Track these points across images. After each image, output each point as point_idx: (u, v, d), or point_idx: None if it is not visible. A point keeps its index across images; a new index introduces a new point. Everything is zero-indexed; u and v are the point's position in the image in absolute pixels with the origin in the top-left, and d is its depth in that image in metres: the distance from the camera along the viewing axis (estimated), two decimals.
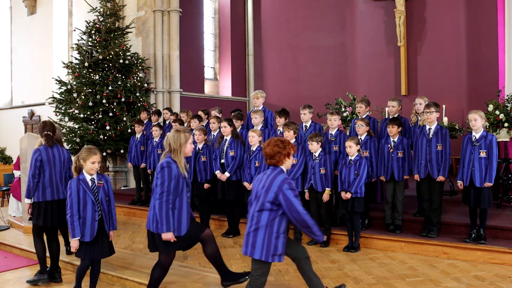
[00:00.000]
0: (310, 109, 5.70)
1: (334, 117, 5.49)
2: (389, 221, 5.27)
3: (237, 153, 5.64)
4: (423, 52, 10.50)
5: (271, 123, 6.32)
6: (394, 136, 5.20)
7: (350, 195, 4.89)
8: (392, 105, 5.64)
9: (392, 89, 10.67)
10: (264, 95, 6.30)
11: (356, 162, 4.94)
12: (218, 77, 12.49)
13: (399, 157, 5.15)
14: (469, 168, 4.59)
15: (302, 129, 5.70)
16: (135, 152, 7.40)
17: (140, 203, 7.48)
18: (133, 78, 8.75)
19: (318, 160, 5.14)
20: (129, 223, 6.81)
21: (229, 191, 5.63)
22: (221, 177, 5.64)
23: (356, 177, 4.90)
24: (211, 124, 6.29)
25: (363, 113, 5.74)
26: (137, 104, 8.63)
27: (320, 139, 5.15)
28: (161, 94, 9.69)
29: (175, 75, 9.81)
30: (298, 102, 7.30)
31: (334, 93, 10.03)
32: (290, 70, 12.01)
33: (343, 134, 5.51)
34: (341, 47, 11.62)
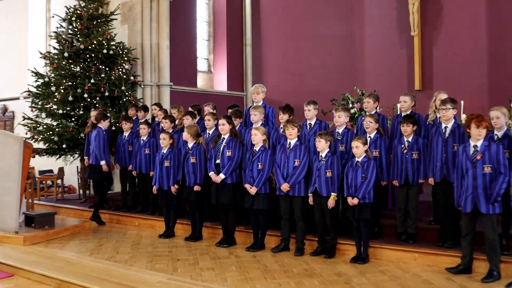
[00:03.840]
0: (315, 105, 5.71)
1: (341, 113, 5.49)
2: (401, 230, 5.27)
3: (234, 154, 5.63)
4: (439, 42, 10.50)
5: (273, 120, 6.32)
6: (408, 135, 5.19)
7: (357, 200, 4.88)
8: (404, 100, 5.64)
9: (404, 83, 10.65)
10: (264, 90, 6.31)
11: (363, 164, 4.94)
12: (213, 70, 12.46)
13: (414, 159, 5.14)
14: None
15: (306, 127, 5.71)
16: (123, 153, 7.42)
17: (125, 209, 7.47)
18: (118, 70, 8.71)
19: (324, 161, 5.13)
20: (112, 231, 6.79)
21: (223, 194, 5.63)
22: (215, 179, 5.62)
23: (364, 181, 4.90)
24: (206, 122, 6.26)
25: (371, 109, 5.75)
26: (122, 99, 8.61)
27: (330, 138, 5.16)
28: (149, 88, 9.66)
29: (164, 67, 9.78)
30: (301, 97, 7.29)
31: (341, 87, 10.02)
32: (291, 62, 11.99)
33: (351, 133, 5.51)
34: (348, 36, 11.62)
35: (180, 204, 6.47)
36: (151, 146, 7.06)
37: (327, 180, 5.11)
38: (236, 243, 5.82)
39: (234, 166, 5.63)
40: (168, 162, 6.19)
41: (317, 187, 5.15)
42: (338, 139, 5.48)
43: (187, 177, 5.94)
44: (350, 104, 7.71)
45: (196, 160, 5.91)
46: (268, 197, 5.48)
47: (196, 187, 5.88)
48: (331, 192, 5.10)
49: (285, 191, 5.29)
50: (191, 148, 5.97)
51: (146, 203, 7.30)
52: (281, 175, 5.31)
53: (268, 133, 5.73)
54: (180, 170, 6.10)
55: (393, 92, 8.15)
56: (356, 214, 4.94)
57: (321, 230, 5.28)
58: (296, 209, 5.32)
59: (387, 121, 5.86)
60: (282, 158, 5.35)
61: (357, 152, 4.98)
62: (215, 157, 5.73)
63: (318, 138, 5.14)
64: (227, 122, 5.69)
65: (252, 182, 5.43)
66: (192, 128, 6.03)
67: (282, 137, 5.62)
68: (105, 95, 8.33)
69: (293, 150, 5.30)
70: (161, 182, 6.21)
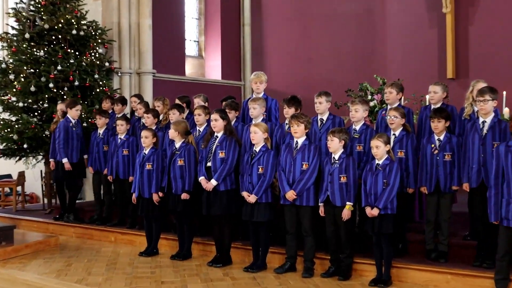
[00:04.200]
0: (328, 97, 5.69)
1: (358, 107, 5.48)
2: (431, 246, 5.26)
3: (229, 155, 5.63)
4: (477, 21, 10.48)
5: (276, 114, 6.33)
6: (440, 133, 5.19)
7: (377, 211, 4.88)
8: (435, 90, 5.63)
9: (434, 70, 10.64)
10: (267, 79, 6.32)
11: (385, 168, 4.94)
12: (204, 54, 12.45)
13: (446, 161, 5.13)
14: None
15: (317, 124, 5.70)
16: (96, 154, 7.42)
17: (99, 222, 7.47)
18: (90, 55, 8.73)
19: (338, 164, 5.12)
20: (83, 248, 6.79)
21: (216, 203, 5.63)
22: (206, 186, 5.63)
23: (386, 188, 4.90)
24: (196, 117, 6.24)
25: (394, 101, 5.75)
26: (95, 89, 8.62)
27: (344, 137, 5.14)
28: (127, 76, 9.65)
29: (146, 51, 9.78)
30: (310, 87, 7.29)
31: (358, 76, 10.00)
32: (299, 45, 11.98)
33: (370, 130, 5.52)
34: (366, 15, 11.60)
35: (165, 215, 6.47)
36: (130, 146, 7.07)
37: (341, 186, 5.09)
38: (232, 262, 5.81)
39: (229, 170, 5.62)
40: (150, 165, 6.18)
41: (329, 195, 5.13)
42: (355, 138, 5.47)
43: (174, 183, 5.93)
44: (369, 96, 7.71)
45: (185, 162, 5.89)
46: (270, 207, 5.47)
47: (184, 195, 5.86)
48: (346, 201, 5.08)
49: (290, 200, 5.27)
50: (178, 148, 5.95)
51: (124, 214, 7.30)
52: (286, 181, 5.30)
53: (270, 131, 5.72)
54: (165, 175, 6.08)
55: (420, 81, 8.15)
56: (376, 227, 4.92)
57: (334, 246, 5.27)
58: (304, 222, 5.30)
59: (413, 115, 5.86)
60: (287, 160, 5.33)
61: (378, 153, 4.96)
62: (206, 159, 5.73)
63: (331, 137, 5.12)
64: (221, 117, 5.67)
65: (251, 189, 5.42)
66: (179, 124, 6.02)
67: (287, 135, 5.62)
68: (75, 85, 8.34)
69: (301, 150, 5.29)
70: (141, 189, 6.21)
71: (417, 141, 5.46)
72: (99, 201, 7.59)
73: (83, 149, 7.60)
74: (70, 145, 7.37)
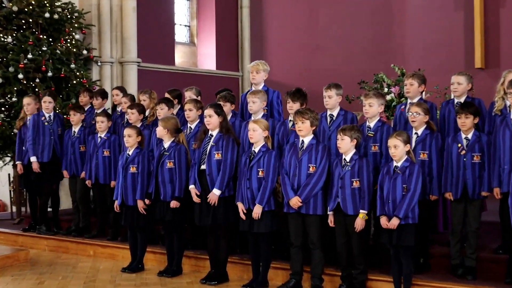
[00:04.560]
0: (338, 90, 5.68)
1: (372, 101, 5.48)
2: (457, 261, 5.26)
3: (226, 156, 5.63)
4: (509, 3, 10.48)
5: (279, 108, 6.32)
6: (467, 130, 5.19)
7: (397, 221, 4.87)
8: (458, 81, 5.63)
9: (460, 59, 10.63)
10: (267, 68, 6.31)
11: (404, 170, 4.94)
12: (196, 41, 12.45)
13: (475, 163, 5.13)
14: None
15: (326, 120, 5.71)
16: (72, 155, 7.41)
17: (76, 233, 7.46)
18: (66, 41, 8.72)
19: (349, 166, 5.12)
20: (57, 264, 6.80)
21: (211, 212, 5.61)
22: (211, 199, 5.58)
23: (406, 194, 4.89)
24: (187, 112, 6.25)
25: (415, 95, 5.72)
26: (71, 80, 8.61)
27: (356, 135, 5.14)
28: (108, 66, 9.64)
29: (130, 38, 9.77)
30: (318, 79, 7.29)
31: (373, 65, 9.99)
32: (305, 31, 11.97)
33: (387, 127, 5.50)
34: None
35: (152, 225, 6.47)
36: (111, 146, 7.07)
37: (353, 192, 5.09)
38: (229, 279, 5.80)
39: (229, 174, 5.62)
40: (134, 168, 6.18)
41: (340, 202, 5.13)
42: (369, 136, 5.47)
43: (162, 188, 5.93)
44: (385, 88, 7.70)
45: (175, 164, 5.89)
46: (272, 216, 5.45)
47: (174, 203, 5.87)
48: (359, 209, 5.08)
49: (295, 208, 5.26)
50: (167, 149, 5.95)
51: (105, 224, 7.31)
52: (290, 186, 5.29)
53: (272, 128, 5.73)
54: (152, 179, 6.10)
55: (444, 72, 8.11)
56: (394, 239, 4.90)
57: (345, 261, 5.27)
58: (311, 233, 5.29)
59: (436, 110, 5.86)
60: (292, 162, 5.33)
61: (396, 153, 4.95)
62: (200, 162, 5.73)
63: (341, 135, 5.12)
64: (216, 113, 5.66)
65: (249, 196, 5.41)
66: (169, 120, 6.02)
67: (292, 133, 5.63)
68: (48, 76, 8.33)
69: (307, 151, 5.28)
70: (125, 195, 6.21)
71: (442, 140, 5.46)
72: (77, 209, 7.59)
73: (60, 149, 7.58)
74: (40, 142, 7.36)
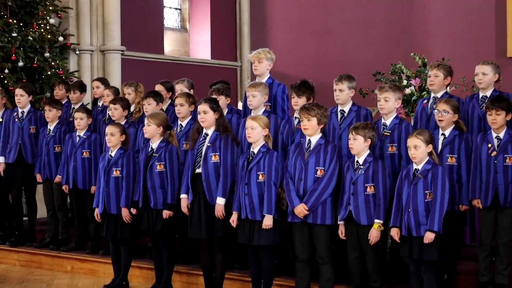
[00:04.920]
0: (350, 83, 5.69)
1: (388, 95, 5.47)
2: (486, 278, 5.21)
3: (226, 158, 5.63)
4: None
5: (284, 105, 6.30)
6: (499, 129, 5.18)
7: (432, 235, 4.79)
8: (483, 71, 5.65)
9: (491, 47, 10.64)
10: (271, 57, 6.31)
11: (426, 174, 4.92)
12: (188, 27, 12.45)
13: (508, 166, 5.11)
14: None
15: (336, 117, 5.72)
16: (47, 156, 7.41)
17: (53, 245, 7.44)
18: (39, 26, 8.71)
19: (363, 169, 5.13)
20: (30, 280, 6.80)
21: (207, 222, 5.60)
22: (218, 211, 5.55)
23: (434, 202, 4.84)
24: (178, 107, 6.28)
25: (439, 88, 5.73)
26: (45, 71, 8.60)
27: (371, 135, 5.15)
28: (88, 54, 9.65)
29: (112, 23, 9.78)
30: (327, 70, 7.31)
31: (390, 54, 10.01)
32: (312, 15, 11.97)
33: (406, 125, 5.49)
34: None
35: (138, 237, 6.49)
36: (91, 147, 7.09)
37: (367, 199, 5.10)
38: None
39: (231, 178, 5.61)
40: (118, 171, 6.19)
41: (352, 210, 5.13)
42: (386, 136, 5.47)
43: (152, 194, 5.92)
44: (404, 81, 7.72)
45: (166, 167, 5.91)
46: (275, 227, 5.41)
47: (166, 212, 5.88)
48: (374, 218, 5.08)
49: (301, 217, 5.26)
50: (156, 149, 5.96)
51: (84, 235, 7.33)
52: (295, 192, 5.28)
53: (274, 126, 5.75)
54: (138, 185, 6.11)
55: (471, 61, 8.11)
56: (416, 253, 4.88)
57: (359, 278, 5.26)
58: (319, 245, 5.28)
59: (462, 106, 5.85)
60: (297, 164, 5.32)
61: (416, 155, 4.93)
62: (194, 165, 5.75)
63: (354, 134, 5.13)
64: (211, 109, 5.66)
65: (247, 203, 5.40)
66: (160, 116, 6.04)
67: (297, 131, 5.65)
68: (19, 66, 8.33)
69: (314, 152, 5.28)
70: (107, 203, 6.22)
71: (473, 142, 5.39)
72: (54, 219, 7.59)
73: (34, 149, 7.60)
74: (7, 141, 7.39)
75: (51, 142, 7.42)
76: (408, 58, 8.56)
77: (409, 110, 7.21)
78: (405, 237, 4.95)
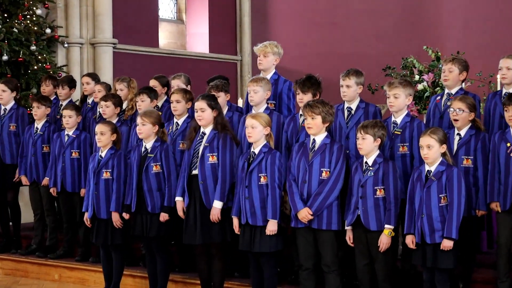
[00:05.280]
0: (358, 78, 5.67)
1: (398, 91, 5.43)
2: (506, 285, 5.21)
3: (224, 159, 5.62)
4: None
5: (289, 104, 6.28)
6: None
7: (450, 242, 4.77)
8: (507, 65, 5.62)
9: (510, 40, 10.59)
10: (278, 51, 6.29)
11: (440, 177, 4.89)
12: (185, 18, 12.44)
13: None
14: None
15: (343, 115, 5.70)
16: (34, 156, 7.39)
17: (40, 252, 7.43)
18: (25, 17, 8.72)
19: (372, 171, 5.10)
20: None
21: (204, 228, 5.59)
22: (213, 215, 5.54)
23: (451, 207, 4.84)
24: (174, 104, 6.27)
25: (454, 84, 5.70)
26: (32, 66, 8.60)
27: (380, 133, 5.12)
28: (77, 48, 9.68)
29: (103, 14, 9.85)
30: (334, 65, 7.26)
31: (401, 47, 9.99)
32: (318, 5, 11.95)
33: (418, 123, 5.46)
34: None
35: (130, 243, 6.43)
36: (81, 146, 7.08)
37: (377, 203, 5.07)
38: None
39: (230, 181, 5.62)
40: (108, 173, 6.17)
41: (360, 215, 5.12)
42: (396, 135, 5.45)
43: (148, 198, 5.91)
44: (416, 76, 7.68)
45: (163, 168, 5.89)
46: (277, 232, 5.43)
47: (163, 215, 5.83)
48: (384, 223, 5.06)
49: (305, 222, 5.25)
50: (151, 149, 5.93)
51: (73, 242, 7.31)
52: (298, 195, 5.28)
53: (277, 124, 5.72)
54: (130, 187, 6.07)
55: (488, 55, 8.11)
56: (430, 261, 4.87)
57: (368, 287, 5.25)
58: (325, 252, 5.26)
59: (480, 104, 5.81)
60: (300, 165, 5.31)
61: (429, 155, 4.90)
62: (190, 166, 5.70)
63: (362, 133, 5.10)
64: (209, 106, 5.66)
65: (247, 207, 5.39)
66: (152, 115, 5.99)
67: (302, 130, 5.61)
68: (3, 60, 8.37)
69: (319, 152, 5.26)
70: (96, 206, 6.19)
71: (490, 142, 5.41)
72: (41, 224, 7.56)
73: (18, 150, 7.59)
74: None
75: (38, 142, 7.41)
76: (420, 52, 8.52)
77: (421, 107, 7.18)
78: (418, 243, 4.94)
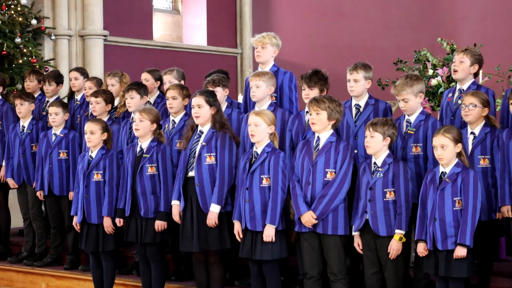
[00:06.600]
0: (367, 72, 5.67)
1: (405, 95, 5.42)
2: None
3: (223, 159, 5.64)
4: None
5: (291, 96, 6.25)
6: None
7: (463, 250, 4.75)
8: None
9: None
10: (277, 43, 6.28)
11: (455, 179, 4.88)
12: (181, 9, 12.45)
13: None
14: None
15: (350, 112, 5.72)
16: (22, 157, 7.42)
17: (29, 260, 7.44)
18: (9, 7, 8.75)
19: (381, 173, 5.10)
20: None
21: (201, 234, 5.61)
22: (210, 219, 5.55)
23: (465, 212, 4.82)
24: (170, 101, 6.28)
25: (464, 75, 5.68)
26: (17, 59, 8.62)
27: (390, 132, 5.11)
28: (65, 40, 9.70)
29: (93, 3, 9.87)
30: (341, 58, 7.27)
31: (413, 40, 10.00)
32: None
33: (432, 122, 5.45)
34: None
35: (123, 250, 6.45)
36: (70, 146, 7.08)
37: (387, 207, 5.08)
38: None
39: (229, 183, 5.62)
40: (99, 175, 6.17)
41: (369, 219, 5.12)
42: (409, 134, 5.45)
43: (142, 201, 5.93)
44: (430, 70, 7.68)
45: (158, 169, 5.89)
46: (280, 238, 5.44)
47: (159, 223, 5.83)
48: (394, 228, 5.06)
49: (309, 226, 5.25)
50: (147, 149, 5.93)
51: (61, 248, 7.32)
52: (302, 197, 5.28)
53: (281, 122, 5.74)
54: (123, 190, 6.07)
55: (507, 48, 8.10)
56: (443, 269, 4.85)
57: None
58: (331, 259, 5.26)
59: (494, 99, 5.81)
60: (304, 165, 5.32)
61: (443, 156, 4.88)
62: (187, 167, 5.71)
63: (371, 131, 5.10)
64: (207, 103, 5.67)
65: (247, 210, 5.40)
66: (151, 112, 6.00)
67: (309, 128, 5.61)
68: None
69: (324, 151, 5.26)
70: (86, 211, 6.19)
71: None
72: (32, 229, 7.58)
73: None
74: None
75: (27, 141, 7.42)
76: (434, 44, 8.52)
77: (435, 104, 7.16)
78: (430, 250, 4.92)
